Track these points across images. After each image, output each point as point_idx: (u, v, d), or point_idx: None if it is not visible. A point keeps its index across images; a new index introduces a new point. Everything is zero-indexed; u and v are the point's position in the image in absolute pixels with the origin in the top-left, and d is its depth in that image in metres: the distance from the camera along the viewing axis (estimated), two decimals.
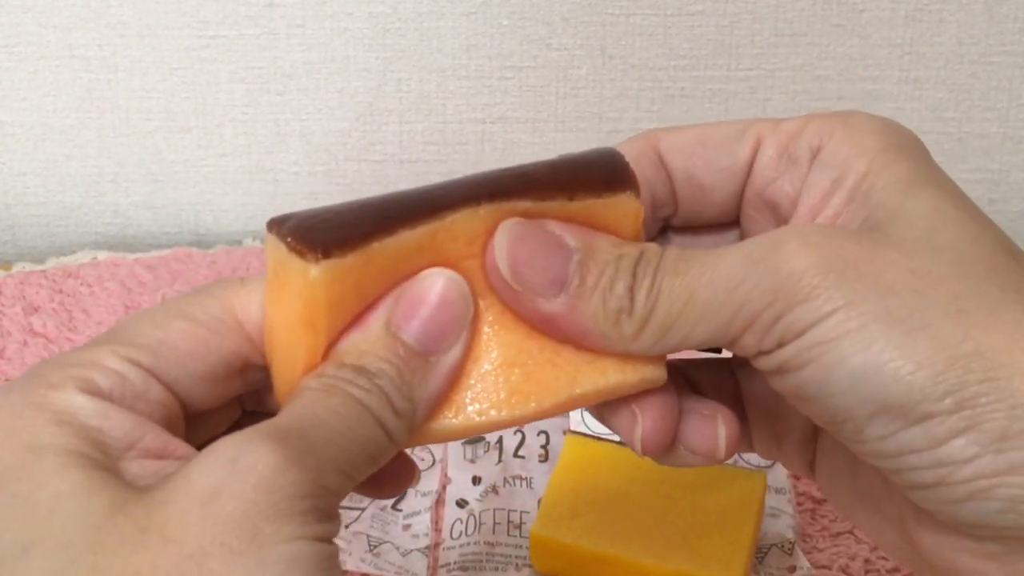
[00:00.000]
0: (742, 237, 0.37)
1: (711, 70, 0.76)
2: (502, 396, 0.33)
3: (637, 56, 0.76)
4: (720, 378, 0.37)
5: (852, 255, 0.30)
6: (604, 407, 0.35)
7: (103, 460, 0.29)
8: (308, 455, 0.28)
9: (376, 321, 0.32)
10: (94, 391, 0.30)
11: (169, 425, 0.32)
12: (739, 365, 0.37)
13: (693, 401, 0.35)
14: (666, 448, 0.34)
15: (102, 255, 0.75)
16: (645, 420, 0.34)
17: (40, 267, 0.74)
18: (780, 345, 0.30)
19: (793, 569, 0.51)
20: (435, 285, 0.32)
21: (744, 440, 0.37)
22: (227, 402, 0.34)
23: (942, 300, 0.29)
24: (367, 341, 0.31)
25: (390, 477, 0.34)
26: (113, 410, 0.30)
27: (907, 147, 0.33)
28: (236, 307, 0.33)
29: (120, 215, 0.81)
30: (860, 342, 0.29)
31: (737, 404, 0.37)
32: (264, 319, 0.33)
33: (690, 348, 0.33)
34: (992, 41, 0.75)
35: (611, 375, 0.33)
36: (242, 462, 0.28)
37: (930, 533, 0.32)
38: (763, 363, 0.31)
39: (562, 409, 0.33)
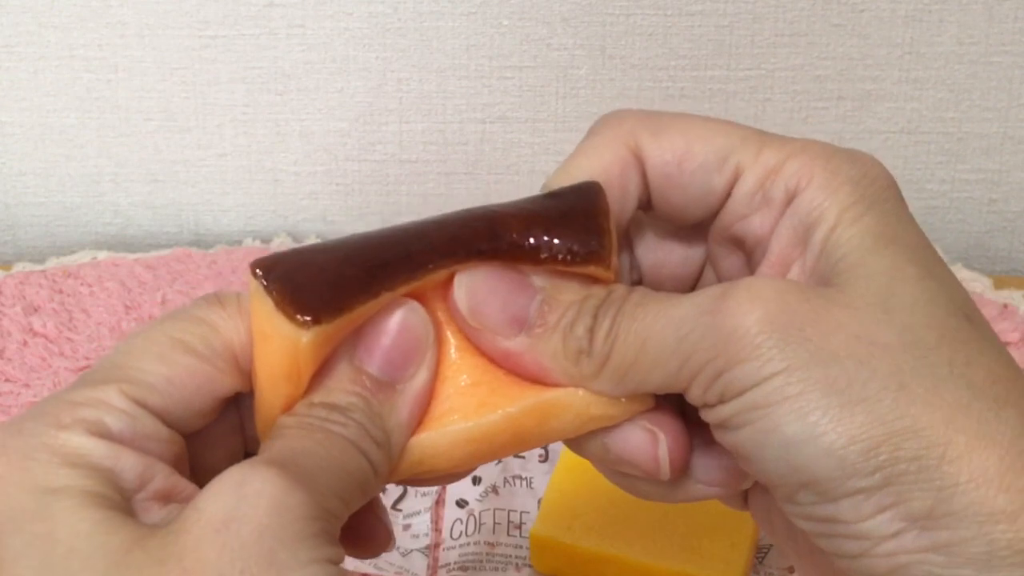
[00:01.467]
0: (708, 260, 0.37)
1: (711, 70, 0.76)
2: (470, 409, 0.33)
3: (637, 56, 0.76)
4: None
5: (799, 315, 0.30)
6: (614, 440, 0.34)
7: (118, 500, 0.29)
8: (309, 480, 0.29)
9: (341, 359, 0.32)
10: (104, 433, 0.30)
11: (176, 463, 0.32)
12: None
13: (707, 436, 0.34)
14: (685, 468, 0.34)
15: (102, 255, 0.75)
16: (667, 436, 0.33)
17: (40, 267, 0.74)
18: (722, 401, 0.30)
19: (793, 569, 0.51)
20: (393, 315, 0.32)
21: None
22: (232, 448, 0.35)
23: (884, 372, 0.29)
24: (333, 379, 0.32)
25: (368, 538, 0.34)
26: (124, 452, 0.30)
27: (881, 199, 0.33)
28: (234, 343, 0.32)
29: (120, 215, 0.81)
30: (796, 411, 0.29)
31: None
32: (254, 358, 0.33)
33: (650, 391, 0.32)
34: (992, 41, 0.75)
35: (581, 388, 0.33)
36: (249, 487, 0.28)
37: None
38: (708, 415, 0.31)
39: (533, 417, 0.33)
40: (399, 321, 0.32)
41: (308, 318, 0.30)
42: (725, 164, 0.34)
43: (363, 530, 0.33)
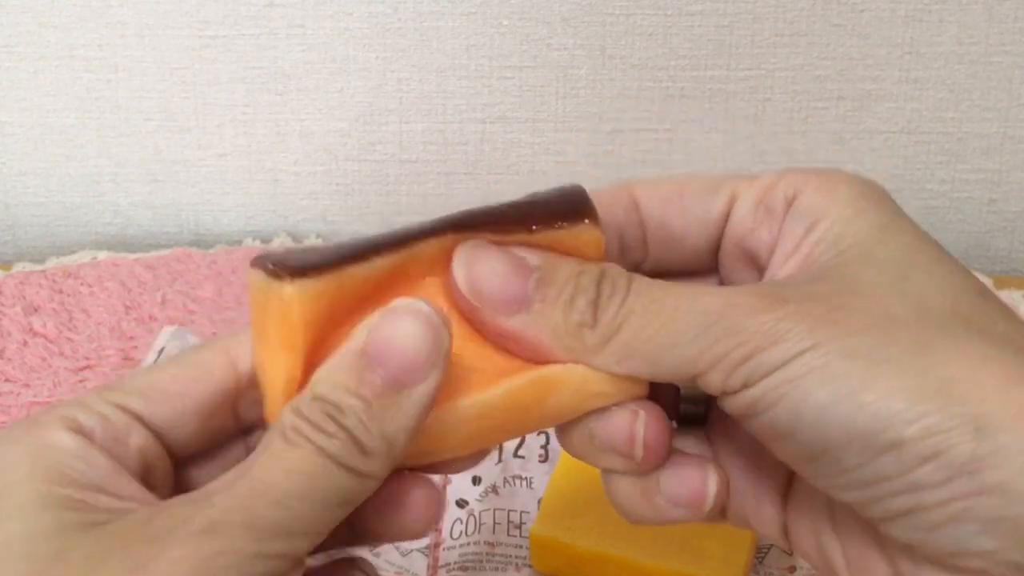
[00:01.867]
0: (722, 284, 0.37)
1: (711, 70, 0.76)
2: (473, 391, 0.33)
3: (637, 56, 0.76)
4: (696, 444, 0.37)
5: (823, 303, 0.31)
6: (599, 423, 0.34)
7: (72, 497, 0.30)
8: (255, 524, 0.29)
9: (350, 352, 0.31)
10: (76, 428, 0.32)
11: (146, 471, 0.33)
12: (714, 431, 0.37)
13: (678, 441, 0.35)
14: (664, 459, 0.35)
15: (102, 255, 0.75)
16: (648, 417, 0.34)
17: (40, 267, 0.74)
18: (746, 386, 0.31)
19: (793, 569, 0.51)
20: (409, 320, 0.31)
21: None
22: (231, 448, 0.35)
23: (906, 338, 0.30)
24: (341, 370, 0.31)
25: (413, 507, 0.34)
26: (92, 450, 0.31)
27: (877, 198, 0.34)
28: (230, 347, 0.34)
29: (120, 215, 0.81)
30: (825, 376, 0.30)
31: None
32: (254, 356, 0.34)
33: (653, 375, 0.33)
34: (992, 41, 0.75)
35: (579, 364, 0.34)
36: (167, 555, 0.29)
37: None
38: (731, 404, 0.32)
39: (532, 393, 0.33)
40: (413, 328, 0.31)
41: (293, 273, 0.32)
42: (721, 188, 0.36)
43: (407, 502, 0.33)
